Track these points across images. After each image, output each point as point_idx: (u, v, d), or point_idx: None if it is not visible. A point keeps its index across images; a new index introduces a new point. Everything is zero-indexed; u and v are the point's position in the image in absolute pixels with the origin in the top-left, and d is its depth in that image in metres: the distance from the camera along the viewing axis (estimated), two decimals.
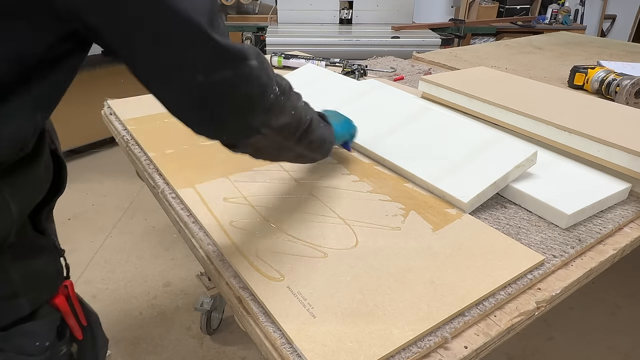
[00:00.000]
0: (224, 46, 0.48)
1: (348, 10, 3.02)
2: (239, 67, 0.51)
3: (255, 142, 0.61)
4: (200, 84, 0.49)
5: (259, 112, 0.56)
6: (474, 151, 0.94)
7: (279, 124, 0.60)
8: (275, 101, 0.57)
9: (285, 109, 0.61)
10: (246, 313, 0.65)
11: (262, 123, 0.58)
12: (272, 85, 0.56)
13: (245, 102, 0.54)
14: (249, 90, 0.53)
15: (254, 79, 0.53)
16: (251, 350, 1.65)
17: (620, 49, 2.11)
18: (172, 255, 2.11)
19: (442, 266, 0.70)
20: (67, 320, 0.61)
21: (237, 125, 0.56)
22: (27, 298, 0.54)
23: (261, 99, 0.55)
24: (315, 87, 1.34)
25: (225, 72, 0.50)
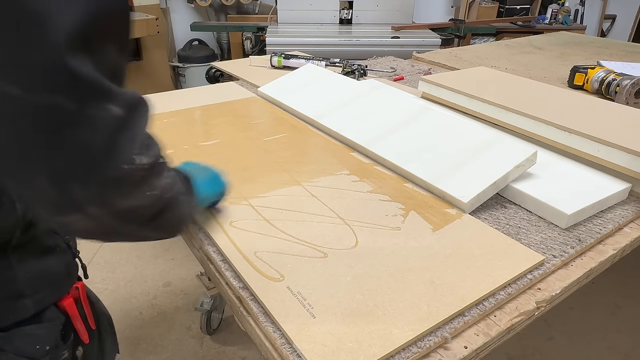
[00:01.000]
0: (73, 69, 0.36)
1: (348, 10, 3.02)
2: (84, 102, 0.37)
3: (73, 221, 0.42)
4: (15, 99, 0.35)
5: (94, 181, 0.39)
6: (474, 151, 0.94)
7: (124, 206, 0.43)
8: (128, 175, 0.41)
9: (141, 189, 0.44)
10: (246, 313, 0.65)
11: (94, 199, 0.40)
12: (131, 152, 0.41)
13: (79, 158, 0.38)
14: (91, 141, 0.38)
15: (106, 131, 0.39)
16: (251, 350, 1.65)
17: (620, 49, 2.11)
18: (172, 255, 2.11)
19: (442, 266, 0.70)
20: (74, 323, 0.59)
21: (49, 190, 0.38)
22: (32, 299, 0.53)
23: (104, 164, 0.39)
24: (315, 87, 1.34)
25: (59, 99, 0.36)
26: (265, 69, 1.72)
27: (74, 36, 0.36)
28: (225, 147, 1.08)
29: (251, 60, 1.81)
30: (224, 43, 3.67)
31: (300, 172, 0.98)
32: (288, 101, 1.31)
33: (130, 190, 0.43)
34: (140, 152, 0.42)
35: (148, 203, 0.46)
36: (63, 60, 0.36)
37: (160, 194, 0.47)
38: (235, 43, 3.51)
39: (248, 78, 1.61)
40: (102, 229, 0.45)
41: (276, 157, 1.04)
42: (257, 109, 1.34)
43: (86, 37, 0.37)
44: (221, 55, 3.72)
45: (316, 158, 1.07)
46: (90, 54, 0.37)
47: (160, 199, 0.47)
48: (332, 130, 1.14)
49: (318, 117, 1.20)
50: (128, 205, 0.43)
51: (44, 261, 0.55)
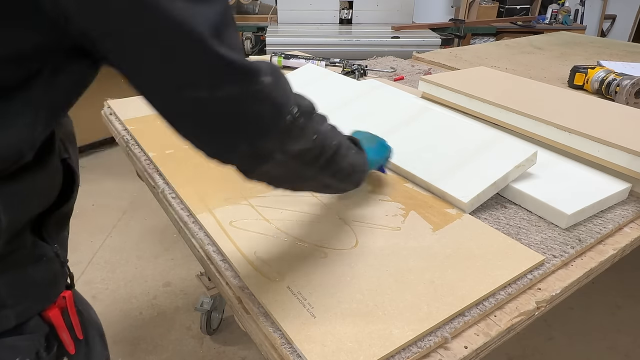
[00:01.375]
0: (229, 60, 0.44)
1: (348, 10, 3.02)
2: (248, 83, 0.46)
3: (270, 169, 0.53)
4: (203, 101, 0.45)
5: (273, 135, 0.50)
6: (474, 151, 0.94)
7: (298, 149, 0.53)
8: (292, 123, 0.50)
9: (306, 132, 0.53)
10: (246, 313, 0.65)
11: (277, 148, 0.51)
12: (289, 105, 0.50)
13: (256, 123, 0.48)
14: (260, 109, 0.48)
15: (266, 97, 0.48)
16: (251, 350, 1.65)
17: (620, 49, 2.11)
18: (172, 255, 2.11)
19: (442, 266, 0.70)
20: (59, 333, 0.57)
21: (247, 150, 0.50)
22: (14, 310, 0.51)
23: (275, 120, 0.49)
24: (315, 87, 1.34)
25: (232, 89, 0.45)
26: None
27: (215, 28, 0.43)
28: None
29: None
30: None
31: None
32: None
33: (298, 134, 0.52)
34: (295, 104, 0.51)
35: (315, 146, 0.55)
36: (216, 53, 0.43)
37: (324, 138, 0.57)
38: None
39: None
40: (292, 174, 0.57)
41: None
42: None
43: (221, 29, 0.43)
44: None
45: None
46: (228, 42, 0.44)
47: (325, 143, 0.57)
48: None
49: None
50: (301, 147, 0.53)
51: (28, 271, 0.53)
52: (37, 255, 0.54)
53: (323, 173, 0.60)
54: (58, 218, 0.57)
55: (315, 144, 0.55)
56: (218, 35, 0.43)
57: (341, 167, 0.63)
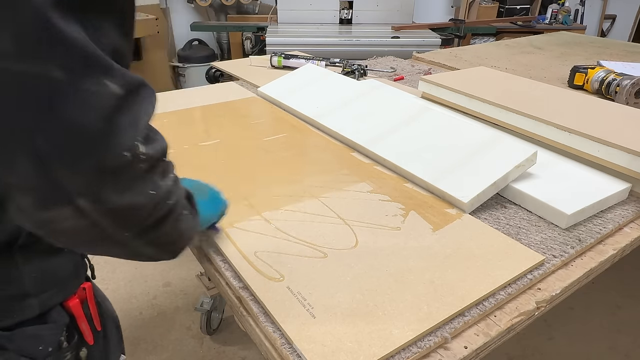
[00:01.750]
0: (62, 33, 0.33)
1: (348, 10, 3.02)
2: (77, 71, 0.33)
3: (59, 218, 0.37)
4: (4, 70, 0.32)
5: (88, 169, 0.35)
6: (474, 151, 0.94)
7: (119, 204, 0.38)
8: (128, 166, 0.37)
9: (143, 184, 0.39)
10: (246, 313, 0.65)
11: (86, 190, 0.36)
12: (135, 139, 0.37)
13: (69, 136, 0.33)
14: (81, 117, 0.34)
15: (103, 107, 0.34)
16: (251, 350, 1.65)
17: (620, 49, 2.11)
18: None
19: (442, 266, 0.70)
20: (79, 324, 0.58)
21: (31, 175, 0.34)
22: (37, 299, 0.52)
23: (100, 148, 0.35)
24: (315, 87, 1.34)
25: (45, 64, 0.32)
26: (265, 69, 1.72)
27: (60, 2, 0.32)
28: (225, 147, 1.08)
29: (251, 60, 1.81)
30: (224, 43, 3.67)
31: (300, 172, 0.98)
32: (288, 101, 1.31)
33: (130, 184, 0.38)
34: (144, 141, 0.38)
35: (149, 204, 0.41)
36: (50, 21, 0.32)
37: (163, 197, 0.43)
38: (235, 43, 3.51)
39: (248, 78, 1.61)
40: (92, 234, 0.39)
41: (276, 157, 1.04)
42: (257, 109, 1.34)
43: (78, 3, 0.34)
44: (221, 55, 3.73)
45: (316, 158, 1.07)
46: (85, 24, 0.34)
47: (161, 204, 0.43)
48: (332, 130, 1.14)
49: (318, 117, 1.20)
50: (125, 202, 0.38)
51: (51, 261, 0.53)
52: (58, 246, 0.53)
53: (140, 239, 0.44)
54: None
55: (147, 203, 0.41)
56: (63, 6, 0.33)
57: (166, 236, 0.47)
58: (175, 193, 0.46)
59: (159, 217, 0.43)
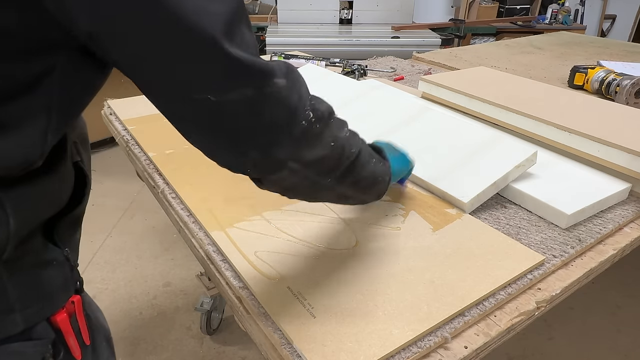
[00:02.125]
0: (240, 61, 0.41)
1: (348, 10, 3.02)
2: (259, 85, 0.43)
3: (283, 178, 0.51)
4: (212, 105, 0.42)
5: (286, 142, 0.47)
6: (474, 151, 0.94)
7: (313, 157, 0.50)
8: (308, 129, 0.48)
9: (322, 139, 0.50)
10: (246, 313, 0.65)
11: (290, 155, 0.48)
12: (305, 110, 0.48)
13: (268, 129, 0.46)
14: (272, 114, 0.45)
15: (279, 101, 0.45)
16: (251, 350, 1.65)
17: (620, 49, 2.11)
18: (172, 255, 2.11)
19: (442, 266, 0.70)
20: (66, 339, 0.55)
21: (258, 157, 0.48)
22: (22, 314, 0.50)
23: (289, 126, 0.47)
24: (315, 87, 1.34)
25: (243, 91, 0.43)
26: None
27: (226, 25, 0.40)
28: None
29: None
30: None
31: None
32: None
33: (314, 141, 0.50)
34: (310, 108, 0.48)
35: (333, 153, 0.52)
36: (226, 53, 0.40)
37: (342, 145, 0.54)
38: None
39: None
40: (307, 183, 0.53)
41: None
42: None
43: (233, 28, 0.41)
44: None
45: None
46: (239, 41, 0.42)
47: (343, 151, 0.54)
48: None
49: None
50: (316, 155, 0.50)
51: (38, 275, 0.51)
52: (48, 259, 0.52)
53: (341, 183, 0.56)
54: (69, 221, 0.56)
55: (333, 152, 0.52)
56: (229, 34, 0.41)
57: (361, 177, 0.59)
58: (355, 143, 0.57)
59: (349, 163, 0.55)
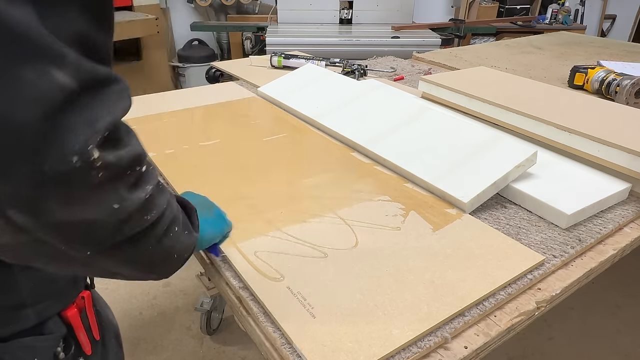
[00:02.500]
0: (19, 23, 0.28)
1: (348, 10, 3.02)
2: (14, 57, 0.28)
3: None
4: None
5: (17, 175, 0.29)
6: (474, 151, 0.94)
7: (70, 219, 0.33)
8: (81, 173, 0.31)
9: (103, 196, 0.33)
10: (246, 313, 0.65)
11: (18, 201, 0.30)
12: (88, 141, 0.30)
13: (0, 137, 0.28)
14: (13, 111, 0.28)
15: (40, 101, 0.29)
16: (251, 350, 1.65)
17: (620, 49, 2.11)
18: None
19: (442, 266, 0.70)
20: (76, 334, 0.56)
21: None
22: (34, 309, 0.50)
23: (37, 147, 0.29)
24: (315, 87, 1.34)
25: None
26: (265, 69, 1.72)
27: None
28: (225, 147, 1.08)
29: (251, 60, 1.81)
30: (224, 43, 3.67)
31: (300, 172, 0.98)
32: (288, 101, 1.31)
33: (81, 196, 0.32)
34: (103, 145, 0.31)
35: (111, 220, 0.34)
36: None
37: (136, 210, 0.37)
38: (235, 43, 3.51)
39: (248, 78, 1.61)
40: (41, 250, 0.34)
41: (276, 158, 1.04)
42: (257, 109, 1.34)
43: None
44: (221, 55, 3.72)
45: (316, 158, 1.07)
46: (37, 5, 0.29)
47: (134, 219, 0.37)
48: (332, 130, 1.14)
49: (318, 117, 1.20)
50: (76, 218, 0.32)
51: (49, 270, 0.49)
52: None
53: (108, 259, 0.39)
54: None
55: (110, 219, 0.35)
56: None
57: (148, 253, 0.42)
58: (156, 206, 0.40)
59: (134, 234, 0.38)
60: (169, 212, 0.43)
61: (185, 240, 0.48)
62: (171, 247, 0.44)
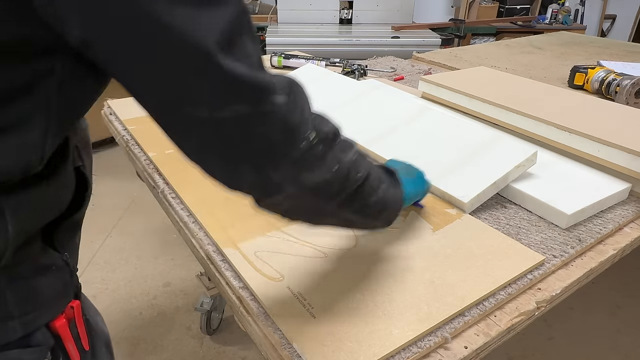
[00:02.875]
0: (236, 76, 0.39)
1: (348, 10, 3.02)
2: (256, 103, 0.40)
3: (282, 201, 0.48)
4: (204, 120, 0.40)
5: (283, 164, 0.44)
6: (474, 151, 0.94)
7: (313, 181, 0.46)
8: (308, 151, 0.44)
9: (324, 162, 0.47)
10: (246, 313, 0.65)
11: (287, 178, 0.45)
12: (306, 131, 0.44)
13: (264, 149, 0.43)
14: (269, 134, 0.42)
15: (277, 120, 0.42)
16: (251, 350, 1.65)
17: (620, 49, 2.11)
18: (172, 255, 2.11)
19: (442, 266, 0.70)
20: (65, 345, 0.55)
21: (253, 178, 0.45)
22: (21, 320, 0.49)
23: (286, 147, 0.43)
24: (315, 87, 1.34)
25: (237, 108, 0.40)
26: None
27: (223, 37, 0.38)
28: None
29: None
30: None
31: None
32: None
33: (314, 164, 0.46)
34: (313, 128, 0.45)
35: (336, 178, 0.49)
36: (221, 68, 0.38)
37: (348, 169, 0.50)
38: None
39: None
40: (308, 207, 0.51)
41: None
42: None
43: (231, 39, 0.39)
44: None
45: None
46: (238, 53, 0.39)
47: (348, 175, 0.50)
48: None
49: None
50: (317, 179, 0.47)
51: (37, 281, 0.51)
52: (46, 264, 0.52)
53: (345, 209, 0.53)
54: (69, 226, 0.56)
55: (336, 177, 0.48)
56: (226, 46, 0.38)
57: (367, 204, 0.55)
58: (361, 166, 0.52)
59: (353, 189, 0.51)
60: (374, 171, 0.55)
61: (394, 193, 0.61)
62: (384, 198, 0.58)
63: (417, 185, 0.77)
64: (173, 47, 0.37)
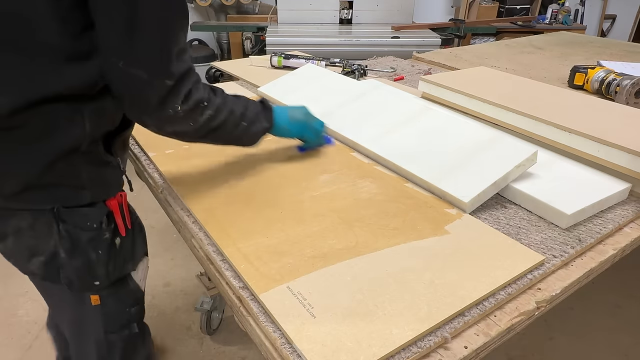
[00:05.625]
0: (163, 57, 0.67)
1: (348, 10, 3.02)
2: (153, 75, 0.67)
3: (168, 133, 0.78)
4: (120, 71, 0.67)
5: (155, 118, 0.73)
6: (475, 151, 0.94)
7: (172, 130, 0.77)
8: (175, 115, 0.72)
9: (183, 121, 0.75)
10: (246, 313, 0.65)
11: (155, 125, 0.75)
12: (175, 104, 0.71)
13: (148, 105, 0.70)
14: (152, 97, 0.69)
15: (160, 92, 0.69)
16: (251, 350, 1.65)
17: (620, 49, 2.11)
18: (172, 255, 2.11)
19: (442, 266, 0.70)
20: (115, 217, 0.79)
21: (147, 120, 0.74)
22: (90, 192, 0.75)
23: (159, 108, 0.70)
24: (315, 87, 1.34)
25: (139, 73, 0.66)
26: (265, 69, 1.72)
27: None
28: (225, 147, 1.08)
29: (251, 60, 1.81)
30: (224, 43, 3.67)
31: (300, 171, 0.98)
32: (288, 101, 1.31)
33: (176, 122, 0.75)
34: (183, 102, 0.72)
35: (191, 130, 0.77)
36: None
37: (202, 125, 0.78)
38: (235, 43, 3.50)
39: (248, 78, 1.61)
40: (182, 137, 0.81)
41: (276, 157, 1.04)
42: None
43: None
44: (221, 55, 3.72)
45: (316, 158, 1.06)
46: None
47: (201, 128, 0.78)
48: (332, 130, 1.14)
49: (318, 116, 1.19)
50: (175, 129, 0.77)
51: (101, 169, 0.76)
52: (107, 161, 0.77)
53: (205, 139, 0.83)
54: (121, 140, 0.80)
55: (189, 130, 0.77)
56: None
57: (223, 139, 0.86)
58: (219, 116, 0.80)
59: (207, 131, 0.80)
60: (231, 118, 0.83)
61: (256, 128, 0.89)
62: (240, 134, 0.87)
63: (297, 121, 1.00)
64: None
